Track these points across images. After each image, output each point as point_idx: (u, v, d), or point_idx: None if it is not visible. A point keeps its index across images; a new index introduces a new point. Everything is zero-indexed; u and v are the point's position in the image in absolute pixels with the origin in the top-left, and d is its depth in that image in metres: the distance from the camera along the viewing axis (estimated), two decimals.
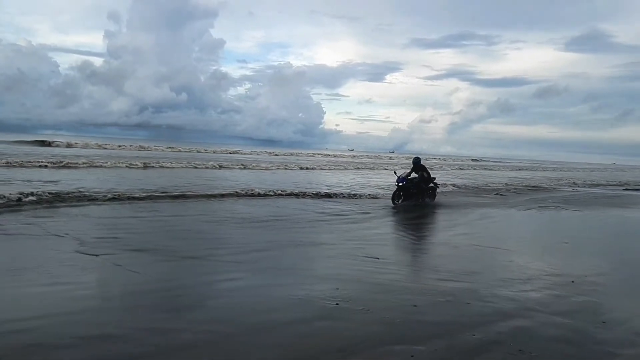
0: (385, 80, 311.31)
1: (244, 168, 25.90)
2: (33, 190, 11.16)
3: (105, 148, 37.51)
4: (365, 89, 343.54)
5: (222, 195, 13.43)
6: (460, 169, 42.30)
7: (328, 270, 5.91)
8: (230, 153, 44.01)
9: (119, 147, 39.86)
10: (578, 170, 59.27)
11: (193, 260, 6.03)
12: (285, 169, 27.42)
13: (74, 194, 11.40)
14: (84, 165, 20.44)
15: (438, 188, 14.81)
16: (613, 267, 7.21)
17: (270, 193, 14.60)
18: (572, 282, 5.79)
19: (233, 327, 3.74)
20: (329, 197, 15.00)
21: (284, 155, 49.35)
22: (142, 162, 23.06)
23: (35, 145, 37.77)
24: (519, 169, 51.11)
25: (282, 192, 14.99)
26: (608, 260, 7.72)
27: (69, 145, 38.81)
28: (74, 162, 20.97)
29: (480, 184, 24.57)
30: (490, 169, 46.62)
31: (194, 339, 3.44)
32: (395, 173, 14.11)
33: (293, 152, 59.55)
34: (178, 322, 3.83)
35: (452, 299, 4.92)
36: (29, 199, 10.25)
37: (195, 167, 24.12)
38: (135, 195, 12.10)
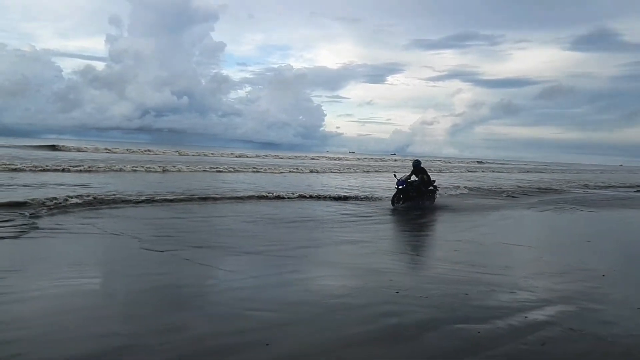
0: (387, 82, 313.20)
1: (256, 171, 26.52)
2: (70, 194, 11.79)
3: (115, 152, 38.16)
4: (366, 91, 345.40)
5: (247, 197, 14.05)
6: (469, 172, 42.90)
7: (375, 265, 6.48)
8: (237, 157, 44.71)
9: (128, 151, 40.50)
10: (585, 172, 59.77)
11: (253, 255, 6.62)
12: (297, 172, 28.03)
13: (111, 197, 12.00)
14: (104, 170, 21.07)
15: (437, 191, 15.00)
16: (638, 262, 7.80)
17: (290, 195, 15.19)
18: (602, 275, 6.36)
19: (318, 308, 4.34)
20: (346, 199, 15.59)
21: (289, 159, 50.03)
22: (159, 166, 23.69)
23: (46, 150, 38.48)
24: (527, 171, 51.69)
25: (301, 194, 15.60)
26: (632, 257, 8.30)
27: (79, 150, 39.57)
28: (94, 166, 21.59)
29: (491, 186, 25.13)
30: (497, 171, 47.22)
31: (295, 318, 4.04)
32: (395, 176, 14.34)
33: (298, 155, 60.20)
34: (274, 304, 4.42)
35: (496, 289, 5.49)
36: (74, 202, 10.87)
37: (210, 170, 24.75)
38: (167, 198, 12.71)
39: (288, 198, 14.80)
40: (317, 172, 30.12)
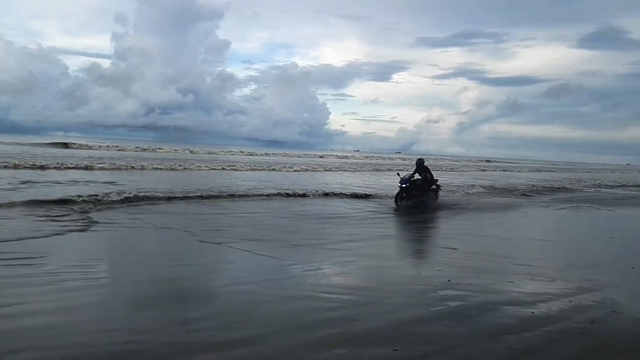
0: (392, 80, 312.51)
1: (272, 170, 27.10)
2: (104, 191, 12.39)
3: (127, 150, 38.81)
4: (371, 89, 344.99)
5: (273, 195, 14.62)
6: (481, 171, 43.41)
7: (420, 258, 7.06)
8: (247, 155, 45.34)
9: (139, 149, 41.15)
10: (595, 171, 60.06)
11: (303, 248, 7.20)
12: (312, 171, 28.61)
13: (145, 194, 12.57)
14: (126, 168, 21.69)
15: (440, 189, 15.16)
16: None
17: (313, 193, 15.75)
18: (631, 268, 6.90)
19: (384, 292, 4.92)
20: (367, 197, 16.16)
21: (298, 157, 50.62)
22: (179, 164, 24.31)
23: (59, 148, 39.17)
24: (537, 170, 52.10)
25: (323, 192, 16.17)
26: None
27: (90, 148, 40.24)
28: (115, 164, 22.24)
29: (504, 185, 25.60)
30: (507, 170, 47.64)
31: (369, 300, 4.62)
32: (399, 174, 14.62)
33: (307, 153, 60.80)
34: (345, 288, 5.00)
35: (535, 278, 6.06)
36: (113, 198, 11.46)
37: (227, 169, 25.38)
38: (198, 195, 13.29)
39: (312, 195, 15.35)
40: (330, 170, 30.68)
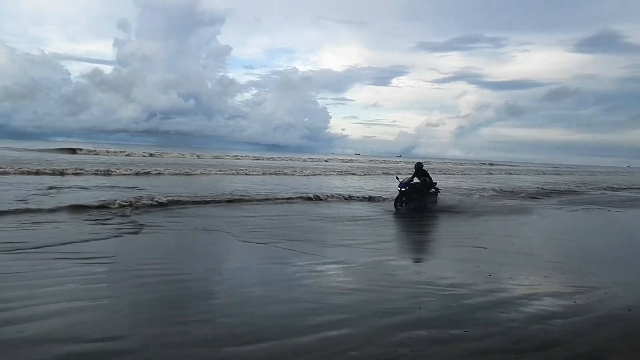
0: (392, 84, 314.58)
1: (283, 174, 27.66)
2: (130, 195, 12.88)
3: (135, 156, 39.32)
4: (372, 93, 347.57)
5: (296, 199, 15.11)
6: (488, 174, 44.05)
7: (456, 256, 7.55)
8: (253, 159, 45.90)
9: (148, 154, 41.67)
10: (597, 174, 60.70)
11: (347, 248, 7.70)
12: (323, 175, 29.16)
13: (173, 198, 13.06)
14: (145, 173, 22.23)
15: (439, 193, 15.32)
16: None
17: (331, 196, 16.26)
18: None
19: (438, 286, 5.43)
20: (383, 200, 16.63)
21: (304, 161, 51.20)
22: (193, 169, 24.88)
23: (67, 153, 39.65)
24: (542, 173, 52.73)
25: (341, 195, 16.69)
26: None
27: (97, 153, 40.75)
28: (133, 169, 22.80)
29: (512, 188, 26.15)
30: (512, 174, 48.27)
31: (427, 292, 5.13)
32: (398, 178, 14.70)
33: (311, 157, 61.40)
34: (402, 282, 5.51)
35: (572, 273, 6.57)
36: (145, 202, 11.96)
37: (240, 173, 25.93)
38: (224, 199, 13.79)
39: (331, 199, 15.84)
40: (341, 174, 31.26)
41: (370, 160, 61.72)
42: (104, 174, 20.77)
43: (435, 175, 35.93)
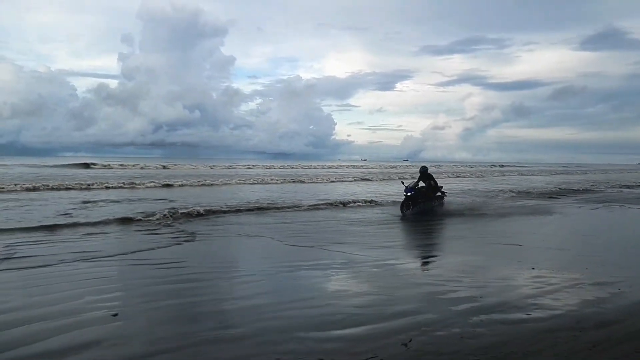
0: (396, 89, 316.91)
1: (300, 182, 28.33)
2: (162, 207, 13.51)
3: (149, 169, 40.15)
4: (376, 98, 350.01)
5: (322, 205, 15.69)
6: (501, 176, 44.53)
7: (496, 252, 8.09)
8: (266, 168, 46.62)
9: (162, 166, 42.49)
10: (609, 172, 60.90)
11: (391, 249, 8.25)
12: (340, 182, 29.77)
13: (207, 208, 13.68)
14: (168, 185, 22.96)
15: (445, 196, 15.45)
16: None
17: (354, 201, 16.84)
18: None
19: (489, 277, 5.97)
20: None
21: (315, 168, 51.95)
22: (218, 180, 25.63)
23: (81, 168, 40.57)
24: (554, 173, 53.06)
25: (365, 200, 17.26)
26: None
27: (110, 167, 41.64)
28: (156, 182, 23.57)
29: (527, 189, 26.59)
30: (524, 175, 48.65)
31: (484, 283, 5.67)
32: (403, 183, 14.94)
33: (324, 164, 62.19)
34: (457, 276, 6.05)
35: (611, 266, 7.07)
36: (182, 212, 12.58)
37: (261, 183, 26.60)
38: (253, 207, 14.41)
39: (356, 204, 16.39)
40: (358, 180, 31.95)
41: (380, 166, 62.30)
42: (129, 187, 21.50)
43: (449, 179, 36.83)
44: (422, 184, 14.65)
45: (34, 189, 19.37)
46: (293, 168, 49.74)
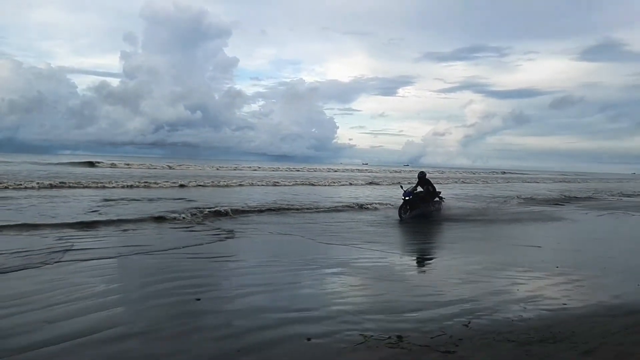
0: (398, 94, 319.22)
1: (312, 185, 29.01)
2: (184, 206, 14.06)
3: (156, 168, 40.62)
4: (378, 103, 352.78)
5: (342, 207, 16.26)
6: (506, 183, 45.40)
7: (519, 253, 8.73)
8: (272, 170, 47.21)
9: (168, 167, 42.98)
10: (607, 181, 61.84)
11: (421, 249, 8.87)
12: (349, 185, 30.44)
13: (230, 208, 14.22)
14: (183, 185, 23.51)
15: (443, 201, 15.62)
16: None
17: (370, 204, 17.44)
18: None
19: (520, 274, 6.60)
20: None
21: (321, 171, 52.60)
22: (234, 181, 26.26)
23: (86, 167, 40.94)
24: (556, 181, 53.98)
25: (383, 204, 17.87)
26: None
27: (115, 166, 42.06)
28: (170, 182, 24.13)
29: (532, 195, 27.30)
30: (526, 182, 49.48)
31: (511, 279, 6.29)
32: (402, 187, 15.20)
33: (331, 167, 62.99)
34: (486, 273, 6.66)
35: (626, 262, 7.72)
36: (209, 211, 13.14)
37: (274, 184, 27.25)
38: (274, 207, 14.99)
39: (373, 207, 16.98)
40: (370, 183, 32.64)
41: (384, 170, 63.04)
42: (144, 187, 22.00)
43: (455, 184, 37.53)
44: (420, 189, 14.97)
45: (53, 187, 19.83)
46: (299, 171, 50.33)
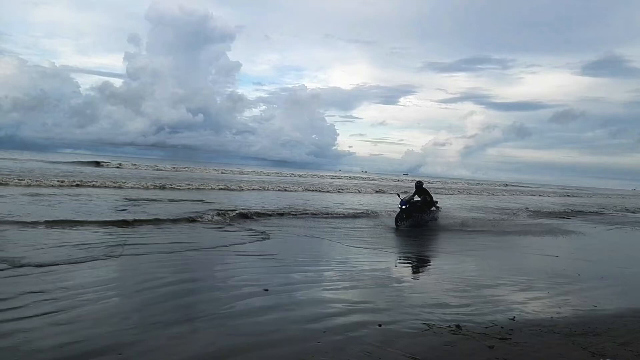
0: (399, 103, 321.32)
1: (320, 191, 29.56)
2: (204, 208, 14.63)
3: (164, 170, 41.14)
4: (379, 112, 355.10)
5: (359, 214, 16.88)
6: (513, 195, 46.20)
7: (538, 262, 9.34)
8: (276, 175, 47.87)
9: (174, 168, 43.55)
10: (610, 197, 62.70)
11: (449, 255, 9.48)
12: (356, 192, 31.03)
13: (249, 210, 14.81)
14: (196, 187, 24.10)
15: (439, 210, 15.74)
16: None
17: (385, 212, 18.02)
18: None
19: (550, 277, 7.21)
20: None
21: (324, 178, 53.27)
22: (247, 186, 26.91)
23: (91, 166, 41.41)
24: (561, 195, 54.97)
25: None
26: None
27: (121, 166, 42.55)
28: (184, 184, 24.69)
29: (539, 208, 27.99)
30: (530, 195, 50.25)
31: (556, 280, 6.91)
32: (399, 196, 15.27)
33: (335, 174, 63.70)
34: (513, 277, 7.28)
35: None
36: (234, 214, 13.72)
37: (280, 189, 27.80)
38: (290, 212, 15.60)
39: (385, 214, 17.57)
40: (382, 192, 33.31)
41: (387, 178, 63.81)
42: (160, 188, 22.55)
43: (461, 195, 38.20)
44: (417, 198, 15.17)
45: (73, 185, 20.34)
46: (301, 176, 50.97)
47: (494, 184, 76.54)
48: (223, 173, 43.97)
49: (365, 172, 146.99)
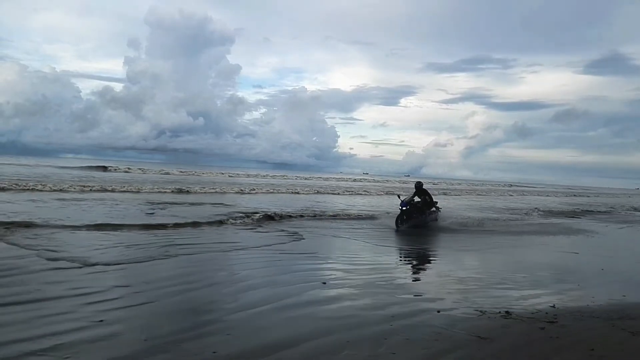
0: (400, 104, 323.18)
1: (331, 193, 30.14)
2: (226, 211, 15.22)
3: (172, 174, 41.74)
4: (380, 113, 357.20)
5: (378, 215, 17.42)
6: (520, 195, 46.81)
7: (560, 258, 9.92)
8: (282, 177, 48.45)
9: (181, 172, 44.14)
10: (614, 196, 63.37)
11: (477, 252, 10.09)
12: (369, 195, 31.66)
13: (269, 212, 15.38)
14: (215, 191, 24.68)
15: (440, 211, 15.89)
16: None
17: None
18: None
19: (584, 274, 7.79)
20: None
21: (328, 180, 53.90)
22: (264, 189, 27.45)
23: (99, 171, 41.99)
24: (568, 195, 55.54)
25: None
26: None
27: (128, 171, 43.16)
28: (198, 189, 25.26)
29: (547, 208, 28.53)
30: (538, 195, 50.87)
31: (574, 275, 7.50)
32: (399, 197, 15.29)
33: (341, 176, 64.21)
34: (547, 275, 7.86)
35: None
36: (259, 216, 14.30)
37: (291, 192, 28.40)
38: (309, 214, 16.18)
39: None
40: (391, 193, 33.82)
41: (390, 180, 64.44)
42: (178, 192, 23.13)
43: (469, 196, 38.75)
44: (417, 199, 15.25)
45: (95, 190, 20.91)
46: (307, 179, 51.59)
47: (498, 185, 77.23)
48: (230, 176, 44.54)
49: (367, 174, 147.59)
